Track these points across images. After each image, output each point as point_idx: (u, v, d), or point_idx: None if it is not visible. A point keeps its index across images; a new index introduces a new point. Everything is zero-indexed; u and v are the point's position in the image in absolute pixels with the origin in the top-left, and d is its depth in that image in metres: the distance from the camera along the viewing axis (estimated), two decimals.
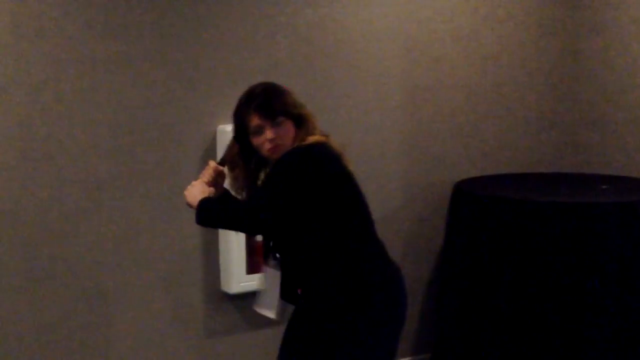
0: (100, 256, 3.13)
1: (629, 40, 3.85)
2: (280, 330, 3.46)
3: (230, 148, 2.38)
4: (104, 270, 3.13)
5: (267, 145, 2.24)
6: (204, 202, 2.26)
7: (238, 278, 3.24)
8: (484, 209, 3.45)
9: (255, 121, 2.23)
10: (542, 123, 4.13)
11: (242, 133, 2.29)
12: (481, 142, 3.98)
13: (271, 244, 2.48)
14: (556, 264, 3.26)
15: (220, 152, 3.25)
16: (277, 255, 2.46)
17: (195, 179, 3.23)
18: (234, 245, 3.22)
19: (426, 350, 3.62)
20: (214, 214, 2.27)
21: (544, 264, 3.27)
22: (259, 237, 3.11)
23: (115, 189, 3.13)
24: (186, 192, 2.32)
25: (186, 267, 3.30)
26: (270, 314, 2.55)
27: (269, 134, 2.22)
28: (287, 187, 2.20)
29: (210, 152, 3.28)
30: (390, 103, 3.72)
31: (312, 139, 2.30)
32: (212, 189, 2.32)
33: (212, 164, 2.38)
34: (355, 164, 3.19)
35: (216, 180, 2.36)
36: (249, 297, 3.33)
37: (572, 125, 4.21)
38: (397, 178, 3.82)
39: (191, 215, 3.18)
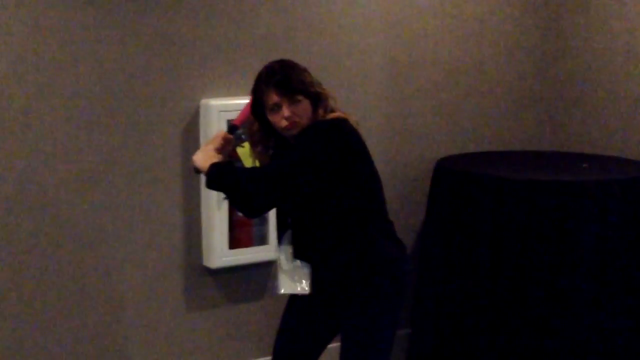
0: (79, 228, 3.13)
1: (610, 19, 3.86)
2: (259, 305, 3.45)
3: (250, 124, 2.40)
4: (82, 242, 3.13)
5: (284, 123, 2.25)
6: (214, 167, 2.28)
7: (220, 253, 3.27)
8: (465, 186, 3.48)
9: (273, 98, 2.24)
10: (523, 101, 4.17)
11: (260, 110, 2.31)
12: (463, 120, 4.01)
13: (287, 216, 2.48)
14: (534, 241, 3.30)
15: (203, 127, 3.29)
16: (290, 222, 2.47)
17: (177, 153, 3.25)
18: (216, 220, 3.25)
19: (406, 325, 3.68)
20: (225, 178, 2.28)
21: (523, 241, 3.32)
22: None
23: (95, 163, 3.13)
24: (195, 157, 2.34)
25: (167, 242, 3.32)
26: (305, 289, 2.54)
27: (286, 111, 2.23)
28: (309, 159, 2.23)
29: (192, 126, 3.30)
30: (372, 79, 3.74)
31: (333, 115, 2.32)
32: (220, 156, 2.34)
33: (222, 132, 2.41)
34: None
35: (223, 148, 2.38)
36: (231, 272, 3.41)
37: (552, 103, 4.24)
38: (379, 154, 3.63)
39: (172, 190, 3.22)
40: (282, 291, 2.53)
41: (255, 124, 2.40)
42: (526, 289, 3.34)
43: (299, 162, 2.25)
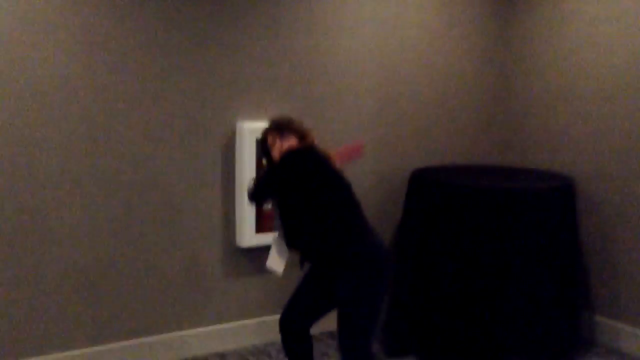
0: (150, 218, 3.44)
1: (546, 68, 4.19)
2: (276, 277, 3.66)
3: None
4: (153, 229, 3.45)
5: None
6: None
7: (249, 236, 3.63)
8: (433, 192, 3.61)
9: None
10: (480, 126, 4.41)
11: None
12: (433, 140, 4.24)
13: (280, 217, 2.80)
14: (485, 236, 3.44)
15: (238, 144, 3.61)
16: (282, 223, 2.78)
17: (219, 163, 3.59)
18: (246, 212, 3.61)
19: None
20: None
21: (477, 238, 3.45)
22: (268, 207, 3.46)
23: (159, 170, 3.44)
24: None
25: (211, 227, 3.62)
26: (278, 272, 2.88)
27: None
28: (270, 177, 2.75)
29: (230, 143, 3.59)
30: (365, 111, 4.00)
31: (292, 148, 2.74)
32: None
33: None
34: None
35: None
36: (257, 251, 3.67)
37: (503, 129, 4.50)
38: (368, 166, 4.03)
39: (214, 190, 3.60)
40: (267, 265, 2.86)
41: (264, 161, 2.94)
42: (481, 277, 3.43)
43: (265, 179, 2.78)
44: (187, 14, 3.45)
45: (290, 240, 2.77)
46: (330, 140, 3.72)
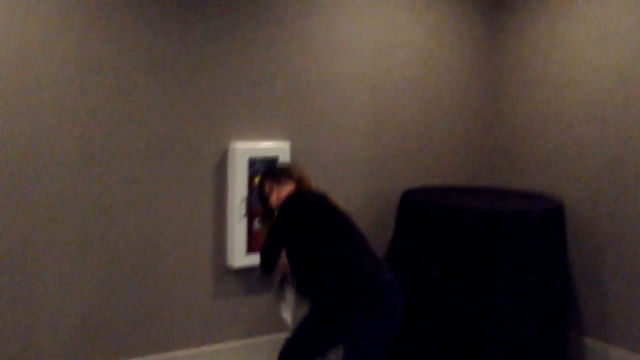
0: (141, 235, 3.45)
1: (533, 90, 4.24)
2: (267, 295, 3.67)
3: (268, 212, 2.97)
4: (143, 247, 3.47)
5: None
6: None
7: (240, 256, 3.66)
8: (422, 211, 3.71)
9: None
10: (468, 150, 4.47)
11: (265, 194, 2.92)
12: (423, 162, 4.30)
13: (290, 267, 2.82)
14: (474, 258, 3.49)
15: (230, 163, 3.62)
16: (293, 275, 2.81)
17: (211, 182, 3.58)
18: (237, 232, 3.63)
19: None
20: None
21: (466, 259, 3.50)
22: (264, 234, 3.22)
23: (151, 187, 3.45)
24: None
25: (202, 247, 3.65)
26: (288, 320, 2.90)
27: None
28: (276, 231, 2.79)
29: (222, 162, 3.61)
30: (358, 131, 4.07)
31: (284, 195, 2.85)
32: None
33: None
34: (331, 178, 3.61)
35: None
36: (247, 271, 3.71)
37: (490, 151, 4.56)
38: (360, 187, 4.11)
39: (206, 210, 3.60)
40: (282, 314, 2.91)
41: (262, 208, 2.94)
42: (469, 298, 3.47)
43: (269, 235, 2.80)
44: (181, 33, 3.50)
45: (301, 289, 2.80)
46: (325, 159, 3.81)
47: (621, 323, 3.89)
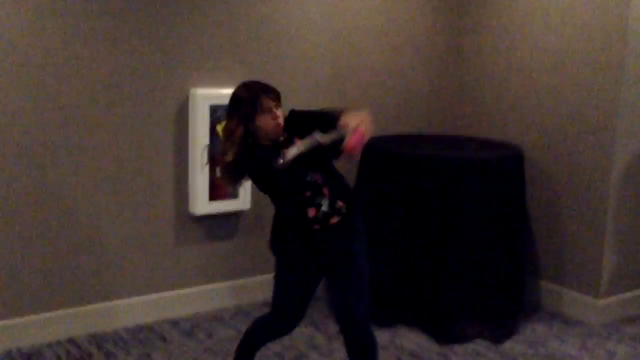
0: (99, 179, 3.43)
1: (496, 41, 4.30)
2: (231, 242, 3.69)
3: (232, 131, 2.50)
4: (102, 192, 3.46)
5: (277, 122, 2.50)
6: None
7: (202, 204, 3.68)
8: (383, 160, 3.75)
9: (270, 103, 2.49)
10: (431, 97, 4.54)
11: (250, 114, 2.47)
12: (385, 110, 4.35)
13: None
14: (434, 204, 3.55)
15: (191, 110, 3.58)
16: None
17: (171, 129, 3.57)
18: (199, 179, 3.62)
19: None
20: None
21: (427, 206, 3.56)
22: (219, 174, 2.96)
23: (109, 135, 3.43)
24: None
25: (164, 195, 3.64)
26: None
27: (279, 112, 2.52)
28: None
29: (183, 109, 3.60)
30: (320, 81, 4.09)
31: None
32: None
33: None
34: None
35: None
36: (210, 218, 3.75)
37: (452, 100, 4.63)
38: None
39: (167, 157, 3.55)
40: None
41: (239, 130, 2.48)
42: (429, 244, 3.53)
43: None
44: None
45: (337, 194, 2.67)
46: (286, 107, 3.55)
47: (576, 267, 3.99)
